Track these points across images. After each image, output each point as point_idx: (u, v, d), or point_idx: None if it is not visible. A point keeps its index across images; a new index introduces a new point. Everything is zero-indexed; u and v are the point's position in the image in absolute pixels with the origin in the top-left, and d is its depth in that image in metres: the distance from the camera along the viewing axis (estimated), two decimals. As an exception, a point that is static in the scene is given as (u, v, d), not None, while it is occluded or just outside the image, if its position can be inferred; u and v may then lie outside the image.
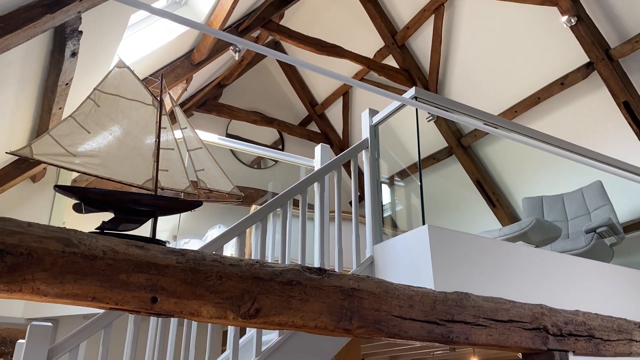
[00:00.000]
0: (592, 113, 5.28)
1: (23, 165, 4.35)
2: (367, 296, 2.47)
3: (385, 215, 3.50)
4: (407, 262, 2.99)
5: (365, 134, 3.59)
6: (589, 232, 4.02)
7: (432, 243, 2.87)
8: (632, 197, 5.21)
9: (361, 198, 4.68)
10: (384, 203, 3.45)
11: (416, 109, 3.47)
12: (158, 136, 2.30)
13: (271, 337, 2.90)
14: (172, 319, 3.17)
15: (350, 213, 3.86)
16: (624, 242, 4.65)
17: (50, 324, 2.33)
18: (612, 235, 4.17)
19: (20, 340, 2.67)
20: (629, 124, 4.84)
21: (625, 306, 3.41)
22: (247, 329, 3.44)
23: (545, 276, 3.20)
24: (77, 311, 3.76)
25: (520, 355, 3.21)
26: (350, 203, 3.77)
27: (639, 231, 5.11)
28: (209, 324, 2.72)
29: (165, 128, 2.44)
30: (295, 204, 3.64)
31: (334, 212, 3.41)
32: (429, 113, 6.04)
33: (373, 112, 3.60)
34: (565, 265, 3.32)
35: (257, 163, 7.84)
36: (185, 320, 2.70)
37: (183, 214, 6.41)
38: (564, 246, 4.14)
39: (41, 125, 4.57)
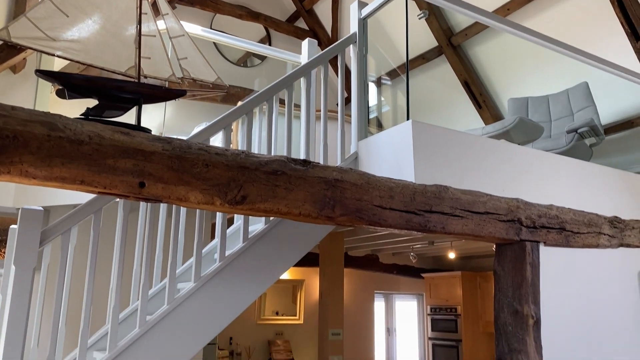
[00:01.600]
0: (585, 12, 5.18)
1: (2, 54, 4.22)
2: (349, 187, 2.55)
3: (371, 116, 3.52)
4: (390, 157, 3.06)
5: (353, 27, 3.51)
6: (570, 132, 4.09)
7: (415, 138, 2.92)
8: (616, 100, 5.26)
9: (348, 100, 4.66)
10: (370, 104, 3.46)
11: (406, 2, 3.37)
12: (139, 21, 2.24)
13: (257, 227, 3.01)
14: (161, 210, 3.26)
15: (336, 112, 3.87)
16: (604, 143, 4.75)
17: (41, 207, 2.39)
18: (592, 136, 4.25)
19: (12, 226, 2.75)
20: (621, 23, 4.77)
21: (598, 203, 3.56)
22: (235, 220, 3.56)
23: (523, 172, 3.30)
24: (68, 201, 3.84)
25: (494, 248, 3.39)
26: (337, 104, 3.76)
27: (619, 133, 5.21)
28: (197, 215, 2.81)
29: (146, 14, 2.37)
30: (282, 102, 3.62)
31: (320, 111, 3.41)
32: (420, 10, 5.85)
33: (362, 4, 3.49)
34: (543, 162, 3.41)
35: (244, 62, 7.67)
36: (173, 211, 2.79)
37: (169, 111, 6.36)
38: (545, 145, 4.23)
39: (17, 9, 4.39)
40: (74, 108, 3.72)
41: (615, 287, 3.47)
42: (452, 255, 6.43)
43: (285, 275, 7.11)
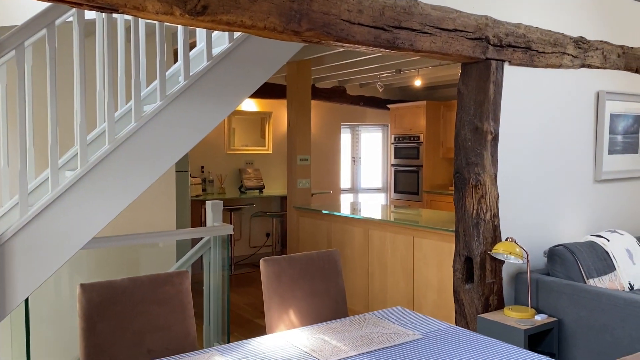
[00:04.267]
0: None
1: None
2: (316, -1, 2.44)
3: None
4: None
5: None
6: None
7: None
8: None
9: None
10: None
11: None
12: None
13: (222, 48, 2.92)
14: (118, 32, 3.09)
15: None
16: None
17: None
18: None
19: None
20: None
21: (565, 22, 3.53)
22: (197, 42, 3.43)
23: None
24: (18, 21, 3.58)
25: (459, 74, 3.41)
26: None
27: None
28: (157, 30, 2.68)
29: None
30: None
31: None
32: None
33: None
34: (516, -21, 3.30)
35: None
36: (132, 25, 2.64)
37: None
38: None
39: None
40: None
41: (573, 107, 3.61)
42: (418, 82, 6.47)
43: (254, 107, 7.13)
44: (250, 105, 7.08)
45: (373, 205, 5.38)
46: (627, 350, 2.69)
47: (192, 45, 3.94)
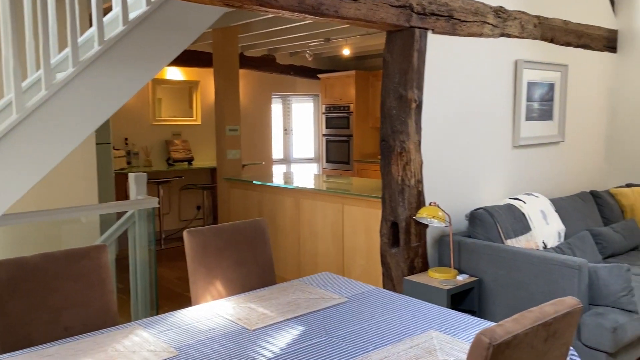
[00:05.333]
0: None
1: None
2: (237, -38, 2.35)
3: None
4: None
5: None
6: None
7: None
8: None
9: None
10: None
11: None
12: None
13: (139, 12, 2.77)
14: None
15: None
16: None
17: None
18: None
19: None
20: None
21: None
22: (113, 6, 3.23)
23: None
24: None
25: (384, 44, 3.43)
26: None
27: None
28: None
29: None
30: None
31: None
32: None
33: None
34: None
35: None
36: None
37: None
38: None
39: None
40: None
41: (493, 75, 3.74)
42: (346, 52, 6.47)
43: (180, 76, 6.89)
44: (176, 73, 6.84)
45: (305, 176, 5.39)
46: (540, 303, 2.88)
47: (109, 10, 3.72)
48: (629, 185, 4.76)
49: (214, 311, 1.98)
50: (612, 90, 5.01)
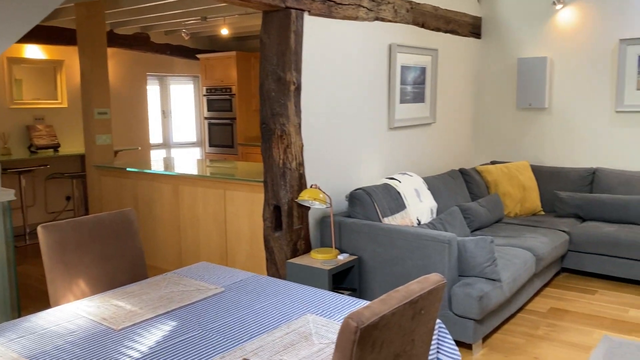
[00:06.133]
0: None
1: None
2: None
3: None
4: None
5: None
6: None
7: None
8: None
9: None
10: None
11: None
12: None
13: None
14: None
15: None
16: None
17: None
18: None
19: None
20: None
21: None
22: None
23: None
24: None
25: (261, 25, 3.35)
26: None
27: None
28: None
29: None
30: None
31: None
32: None
33: None
34: None
35: None
36: None
37: None
38: None
39: None
40: None
41: (369, 58, 3.81)
42: (225, 31, 6.27)
43: (41, 55, 6.25)
44: (36, 52, 6.20)
45: (186, 161, 5.17)
46: (415, 277, 3.02)
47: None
48: (493, 163, 5.15)
49: (75, 312, 1.81)
50: (476, 74, 5.37)
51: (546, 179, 4.81)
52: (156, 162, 5.04)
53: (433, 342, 1.64)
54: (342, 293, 3.16)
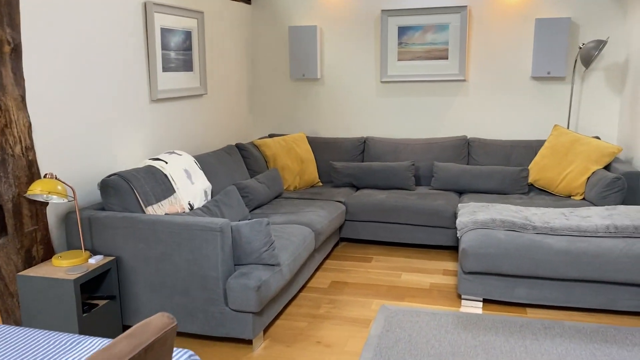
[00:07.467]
0: None
1: None
2: None
3: None
4: None
5: None
6: None
7: None
8: None
9: None
10: None
11: None
12: None
13: None
14: None
15: None
16: None
17: None
18: None
19: None
20: None
21: None
22: None
23: None
24: None
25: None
26: None
27: None
28: None
29: None
30: None
31: None
32: None
33: None
34: None
35: None
36: None
37: None
38: None
39: None
40: None
41: (121, 18, 3.17)
42: None
43: None
44: None
45: None
46: (186, 273, 2.60)
47: None
48: (271, 136, 4.96)
49: None
50: (249, 43, 5.07)
51: (322, 150, 4.78)
52: None
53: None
54: (97, 304, 2.60)
